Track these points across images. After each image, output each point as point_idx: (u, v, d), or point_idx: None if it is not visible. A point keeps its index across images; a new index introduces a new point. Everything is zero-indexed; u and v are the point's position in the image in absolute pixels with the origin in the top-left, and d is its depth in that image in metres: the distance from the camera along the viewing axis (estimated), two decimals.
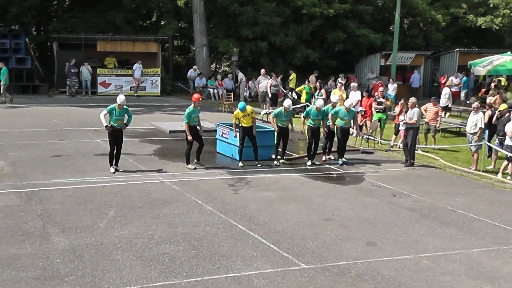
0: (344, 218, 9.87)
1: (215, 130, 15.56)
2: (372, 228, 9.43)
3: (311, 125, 14.08)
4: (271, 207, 10.32)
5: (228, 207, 10.15)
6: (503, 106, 15.34)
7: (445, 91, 22.55)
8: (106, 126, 12.19)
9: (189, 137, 12.89)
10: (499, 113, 14.81)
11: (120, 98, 12.13)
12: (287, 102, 13.91)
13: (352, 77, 27.08)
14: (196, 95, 13.18)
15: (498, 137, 14.65)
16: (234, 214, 9.77)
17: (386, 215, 10.20)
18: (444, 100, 21.91)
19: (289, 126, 14.03)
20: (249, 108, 13.47)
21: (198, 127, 13.03)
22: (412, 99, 14.97)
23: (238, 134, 13.58)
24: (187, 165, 13.02)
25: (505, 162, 13.74)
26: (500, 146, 14.34)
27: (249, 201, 10.61)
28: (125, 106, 12.20)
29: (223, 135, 14.76)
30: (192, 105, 12.89)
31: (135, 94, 27.26)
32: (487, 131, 15.62)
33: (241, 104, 13.54)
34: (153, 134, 17.54)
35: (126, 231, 8.71)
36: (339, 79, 24.65)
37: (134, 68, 27.57)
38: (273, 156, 14.23)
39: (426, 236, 9.14)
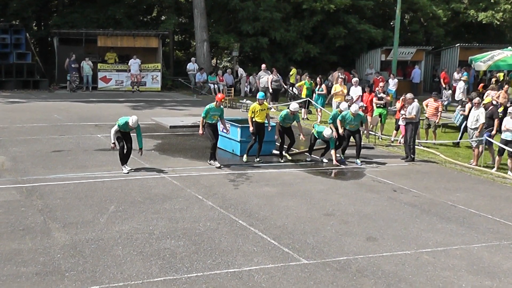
0: (345, 214, 9.87)
1: None
2: (372, 223, 9.42)
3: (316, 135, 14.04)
4: (271, 202, 10.32)
5: (229, 202, 10.15)
6: (487, 100, 15.42)
7: (460, 85, 22.61)
8: (113, 143, 11.75)
9: (200, 132, 12.87)
10: (483, 106, 14.87)
11: (133, 120, 11.62)
12: (294, 106, 13.64)
13: (346, 73, 27.00)
14: (220, 95, 12.98)
15: None
16: (234, 209, 9.76)
17: (386, 211, 10.19)
18: (459, 94, 21.98)
19: (300, 135, 13.91)
20: (265, 103, 13.51)
21: (221, 126, 13.12)
22: (409, 95, 15.00)
23: (252, 129, 13.36)
24: (210, 161, 12.75)
25: (497, 158, 13.77)
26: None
27: (250, 197, 10.60)
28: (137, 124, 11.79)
29: (224, 130, 14.72)
30: (214, 103, 12.74)
31: (132, 90, 27.23)
32: (464, 123, 16.55)
33: (260, 93, 13.74)
34: (154, 129, 17.53)
35: (126, 226, 8.71)
36: (339, 74, 24.57)
37: (129, 63, 27.42)
38: (274, 152, 14.24)
39: (426, 232, 9.13)
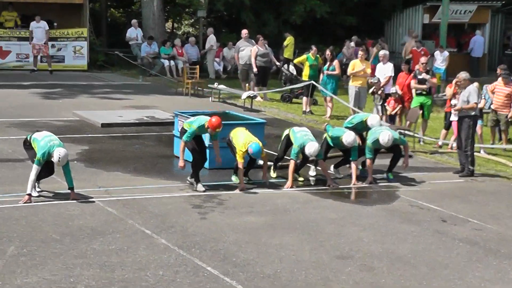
0: (369, 256, 9.92)
1: (172, 123, 15.52)
2: (410, 270, 9.48)
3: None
4: (257, 239, 10.35)
5: (192, 240, 10.16)
6: None
7: None
8: (29, 195, 11.45)
9: (181, 164, 12.89)
10: None
11: (60, 156, 11.33)
12: (312, 149, 13.14)
13: (370, 43, 27.20)
14: (214, 120, 12.67)
15: None
16: (200, 250, 9.77)
17: (432, 251, 10.26)
18: None
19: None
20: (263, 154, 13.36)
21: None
22: (463, 75, 14.95)
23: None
24: (196, 185, 12.80)
25: None
26: None
27: (224, 230, 10.62)
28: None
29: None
30: (206, 127, 12.70)
31: (34, 68, 27.21)
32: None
33: (256, 146, 12.95)
34: (77, 128, 17.49)
35: (34, 277, 8.65)
36: (352, 43, 24.88)
37: (30, 28, 27.31)
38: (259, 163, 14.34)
39: (493, 283, 9.20)
